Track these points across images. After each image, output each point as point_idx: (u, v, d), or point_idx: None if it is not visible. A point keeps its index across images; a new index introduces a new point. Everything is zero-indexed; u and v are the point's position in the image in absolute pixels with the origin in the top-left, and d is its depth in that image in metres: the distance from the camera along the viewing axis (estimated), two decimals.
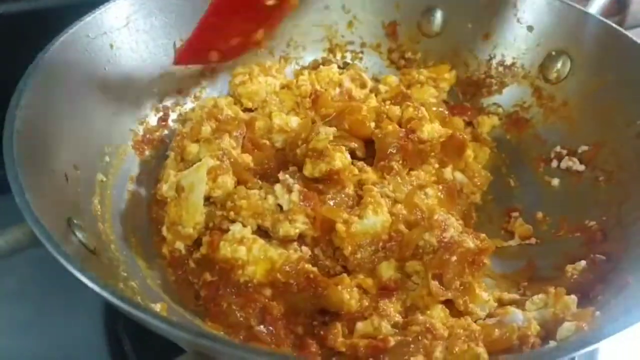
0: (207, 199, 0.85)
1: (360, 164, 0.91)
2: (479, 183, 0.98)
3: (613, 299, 0.69)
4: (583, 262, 0.79)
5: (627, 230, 0.81)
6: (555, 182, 0.98)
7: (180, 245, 0.82)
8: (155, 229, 0.88)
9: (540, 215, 0.95)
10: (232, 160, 0.87)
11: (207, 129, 0.94)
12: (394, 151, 0.91)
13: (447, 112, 1.05)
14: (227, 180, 0.84)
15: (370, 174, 0.89)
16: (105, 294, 0.52)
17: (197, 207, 0.82)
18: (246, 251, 0.76)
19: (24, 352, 0.85)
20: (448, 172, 0.95)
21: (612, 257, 0.79)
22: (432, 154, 0.94)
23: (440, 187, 0.91)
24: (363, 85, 1.12)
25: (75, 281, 0.89)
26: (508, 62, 1.10)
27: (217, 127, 0.94)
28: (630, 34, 0.95)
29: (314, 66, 1.17)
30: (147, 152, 0.99)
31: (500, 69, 1.11)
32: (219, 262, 0.77)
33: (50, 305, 0.89)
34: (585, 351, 0.53)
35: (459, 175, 0.96)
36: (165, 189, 0.85)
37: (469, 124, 1.10)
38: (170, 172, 0.87)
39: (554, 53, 1.04)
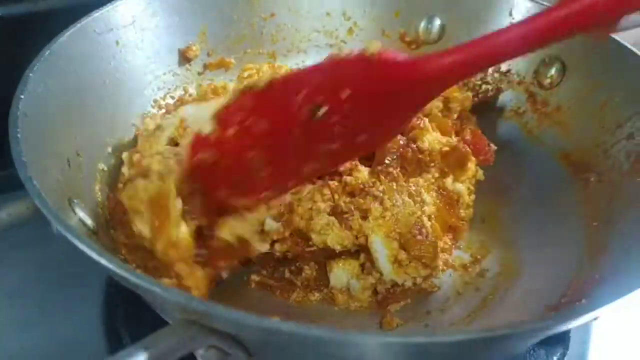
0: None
1: (354, 163, 0.91)
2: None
3: (599, 288, 0.71)
4: None
5: (616, 226, 0.83)
6: None
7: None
8: None
9: None
10: None
11: None
12: (393, 158, 0.91)
13: (451, 124, 1.05)
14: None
15: (362, 174, 0.89)
16: (102, 261, 0.54)
17: (160, 140, 0.88)
18: None
19: (24, 349, 0.86)
20: (449, 182, 0.95)
21: (601, 252, 0.81)
22: (432, 164, 0.93)
23: (438, 195, 0.92)
24: None
25: (75, 280, 0.92)
26: (504, 68, 1.13)
27: None
28: (623, 35, 0.97)
29: None
30: None
31: (496, 75, 1.14)
32: None
33: (50, 303, 0.91)
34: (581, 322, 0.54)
35: (458, 186, 0.96)
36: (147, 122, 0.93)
37: None
38: None
39: (547, 60, 1.06)
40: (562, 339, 0.87)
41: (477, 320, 0.82)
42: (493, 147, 1.01)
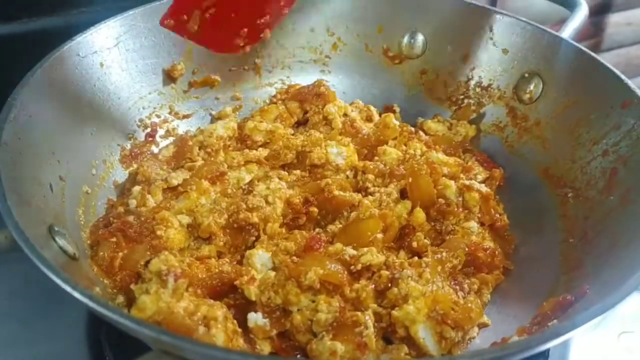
0: None
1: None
2: None
3: (570, 307, 0.72)
4: None
5: (590, 243, 0.84)
6: None
7: None
8: None
9: None
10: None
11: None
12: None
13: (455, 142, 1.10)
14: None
15: (374, 257, 0.82)
16: (76, 294, 0.55)
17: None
18: None
19: None
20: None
21: (576, 269, 0.82)
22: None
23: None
24: (369, 119, 1.15)
25: (59, 296, 0.93)
26: (485, 83, 1.14)
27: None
28: (606, 56, 0.99)
29: None
30: (134, 166, 1.02)
31: (478, 89, 1.15)
32: None
33: (35, 322, 0.91)
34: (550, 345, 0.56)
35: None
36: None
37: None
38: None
39: (527, 75, 1.08)
40: (542, 354, 0.88)
41: None
42: (500, 170, 1.04)
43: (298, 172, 1.01)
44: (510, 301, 0.85)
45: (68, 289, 0.56)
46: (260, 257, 0.83)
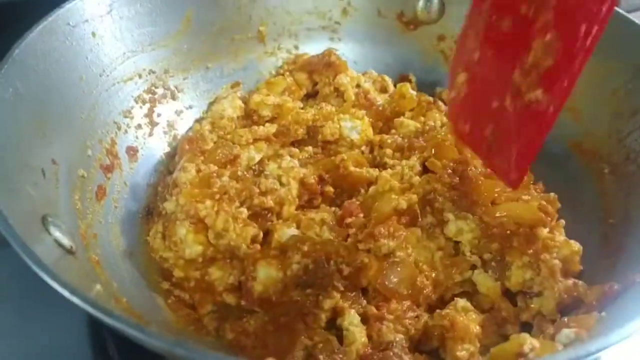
0: None
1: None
2: None
3: (619, 297, 0.66)
4: None
5: (633, 224, 0.78)
6: None
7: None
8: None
9: None
10: None
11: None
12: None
13: None
14: None
15: None
16: (74, 299, 0.49)
17: None
18: None
19: (6, 356, 0.82)
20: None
21: (618, 253, 0.76)
22: None
23: None
24: (384, 90, 1.08)
25: None
26: None
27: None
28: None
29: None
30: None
31: None
32: None
33: (33, 308, 0.86)
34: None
35: None
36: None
37: None
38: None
39: None
40: None
41: None
42: None
43: (310, 148, 0.95)
44: None
45: (66, 294, 0.49)
46: (285, 234, 0.77)
